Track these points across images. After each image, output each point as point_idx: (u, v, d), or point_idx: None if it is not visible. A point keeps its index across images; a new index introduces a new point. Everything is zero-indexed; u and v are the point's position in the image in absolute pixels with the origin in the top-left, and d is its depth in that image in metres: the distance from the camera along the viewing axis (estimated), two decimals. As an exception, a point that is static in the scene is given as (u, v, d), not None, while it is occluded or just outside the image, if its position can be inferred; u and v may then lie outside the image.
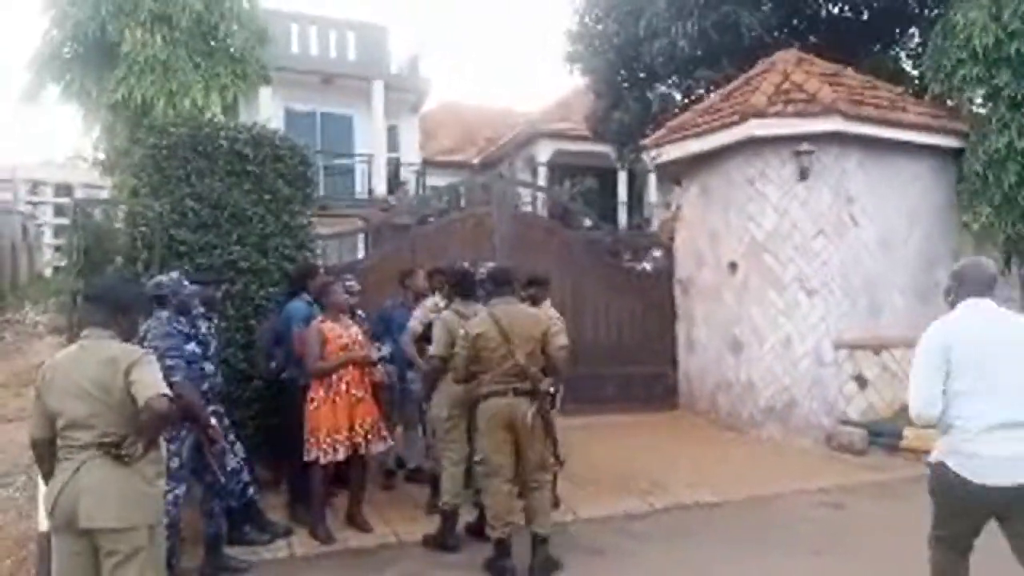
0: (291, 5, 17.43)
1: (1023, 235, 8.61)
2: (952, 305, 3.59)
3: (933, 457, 3.46)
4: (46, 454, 3.09)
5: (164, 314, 4.55)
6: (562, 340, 4.91)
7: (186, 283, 4.79)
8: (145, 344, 4.34)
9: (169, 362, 4.26)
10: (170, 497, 4.26)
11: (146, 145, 6.54)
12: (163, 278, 4.75)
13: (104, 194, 12.19)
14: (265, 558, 4.92)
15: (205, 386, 4.65)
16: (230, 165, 6.58)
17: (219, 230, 6.41)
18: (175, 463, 4.37)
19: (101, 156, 9.08)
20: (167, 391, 2.94)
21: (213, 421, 4.49)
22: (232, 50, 8.38)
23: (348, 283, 6.03)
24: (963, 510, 3.37)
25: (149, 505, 3.04)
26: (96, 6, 7.75)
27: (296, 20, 17.87)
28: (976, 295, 3.49)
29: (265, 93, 15.01)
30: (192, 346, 4.59)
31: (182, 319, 4.64)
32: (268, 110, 15.44)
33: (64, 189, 22.44)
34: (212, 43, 8.27)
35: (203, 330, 4.81)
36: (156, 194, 6.33)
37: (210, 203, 6.43)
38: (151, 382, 2.92)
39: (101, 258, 6.93)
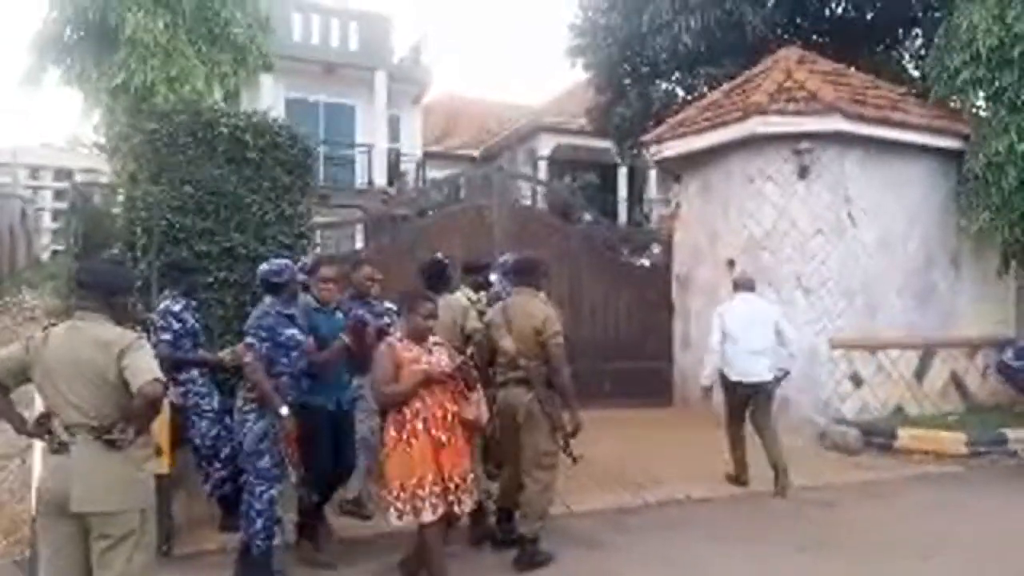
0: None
1: (1020, 239, 8.62)
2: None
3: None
4: None
5: (268, 299, 4.46)
6: (554, 330, 4.70)
7: (296, 271, 4.66)
8: (249, 329, 4.33)
9: (251, 340, 4.28)
10: (266, 497, 4.24)
11: (145, 131, 6.51)
12: (281, 264, 4.55)
13: (104, 179, 12.17)
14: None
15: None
16: (229, 152, 6.56)
17: (217, 217, 6.40)
18: (266, 461, 4.26)
19: (102, 140, 9.06)
20: (160, 376, 2.92)
21: (284, 411, 4.23)
22: (234, 37, 8.35)
23: (366, 270, 5.63)
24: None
25: (139, 489, 3.02)
26: (97, -11, 7.74)
27: (299, 8, 17.81)
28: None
29: (267, 81, 14.98)
30: (293, 331, 4.44)
31: (288, 306, 4.51)
32: (270, 98, 15.41)
33: (64, 173, 22.40)
34: (214, 30, 8.24)
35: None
36: (155, 180, 6.32)
37: (209, 190, 6.41)
38: (145, 367, 2.90)
39: (99, 243, 6.93)
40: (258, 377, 4.23)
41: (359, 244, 13.92)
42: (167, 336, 4.98)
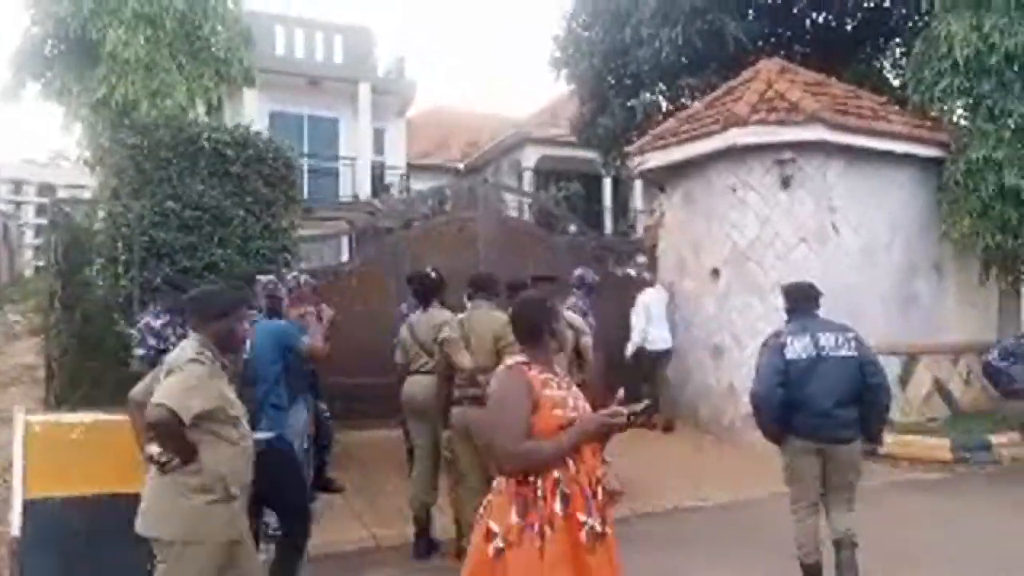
0: (277, 7, 17.40)
1: (1002, 245, 8.70)
2: None
3: None
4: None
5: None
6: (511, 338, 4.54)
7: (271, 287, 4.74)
8: None
9: None
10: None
11: (127, 145, 6.49)
12: (267, 279, 4.68)
13: (87, 194, 12.09)
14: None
15: None
16: (212, 166, 6.56)
17: (200, 232, 6.38)
18: None
19: (86, 154, 9.01)
20: (167, 402, 2.83)
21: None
22: (216, 51, 8.33)
23: (293, 276, 5.62)
24: None
25: (178, 518, 2.92)
26: (78, 4, 7.68)
27: (282, 22, 17.85)
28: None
29: (250, 95, 14.96)
30: None
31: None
32: (253, 112, 15.38)
33: (47, 189, 22.21)
34: (196, 44, 8.22)
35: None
36: (137, 195, 6.30)
37: (191, 204, 6.40)
38: (160, 391, 2.88)
39: (80, 259, 6.87)
40: None
41: (344, 257, 13.90)
42: (140, 351, 4.94)
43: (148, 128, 6.56)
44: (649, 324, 8.96)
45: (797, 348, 4.25)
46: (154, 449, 2.92)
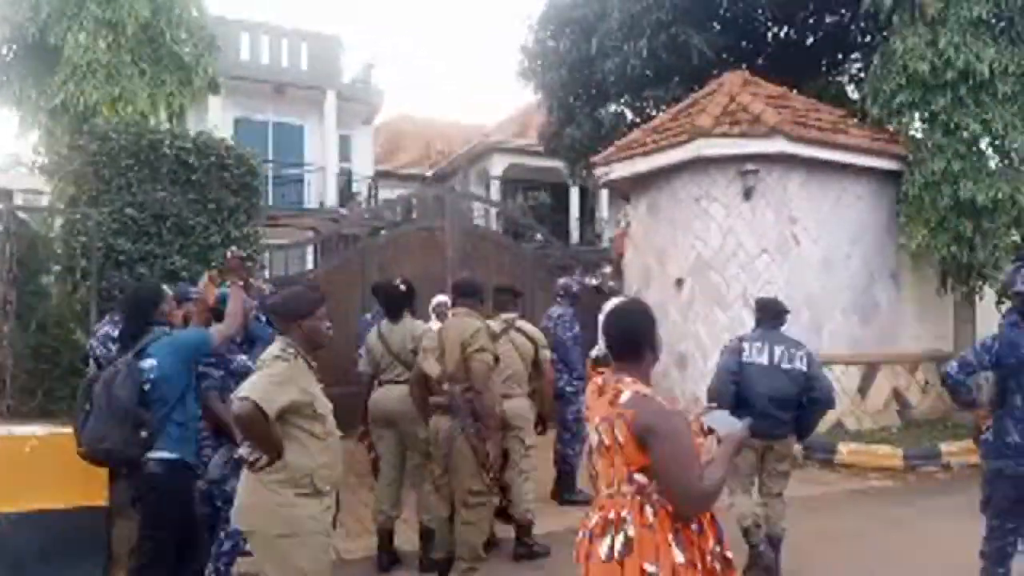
0: (243, 13, 17.24)
1: (957, 256, 8.90)
2: None
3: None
4: None
5: (215, 327, 4.26)
6: (478, 345, 4.32)
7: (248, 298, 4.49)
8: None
9: (204, 369, 4.13)
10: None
11: (86, 151, 6.38)
12: (219, 293, 4.40)
13: (44, 200, 11.86)
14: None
15: None
16: (174, 174, 6.47)
17: (160, 240, 6.29)
18: (231, 485, 3.96)
19: (43, 160, 8.84)
20: (252, 395, 2.84)
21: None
22: (179, 58, 8.23)
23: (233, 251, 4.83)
24: None
25: (271, 513, 2.94)
26: (36, 8, 7.56)
27: (247, 29, 17.68)
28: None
29: (215, 102, 14.79)
30: (243, 359, 4.34)
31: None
32: (218, 118, 15.20)
33: (3, 194, 21.72)
34: (159, 50, 8.11)
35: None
36: (95, 202, 6.19)
37: (151, 212, 6.30)
38: (247, 385, 2.93)
39: (36, 267, 6.73)
40: (216, 407, 4.13)
41: (310, 265, 13.79)
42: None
43: (108, 134, 6.43)
44: None
45: (753, 354, 4.75)
46: (244, 451, 2.97)
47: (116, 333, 4.90)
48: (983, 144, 8.97)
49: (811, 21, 12.59)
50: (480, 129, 22.25)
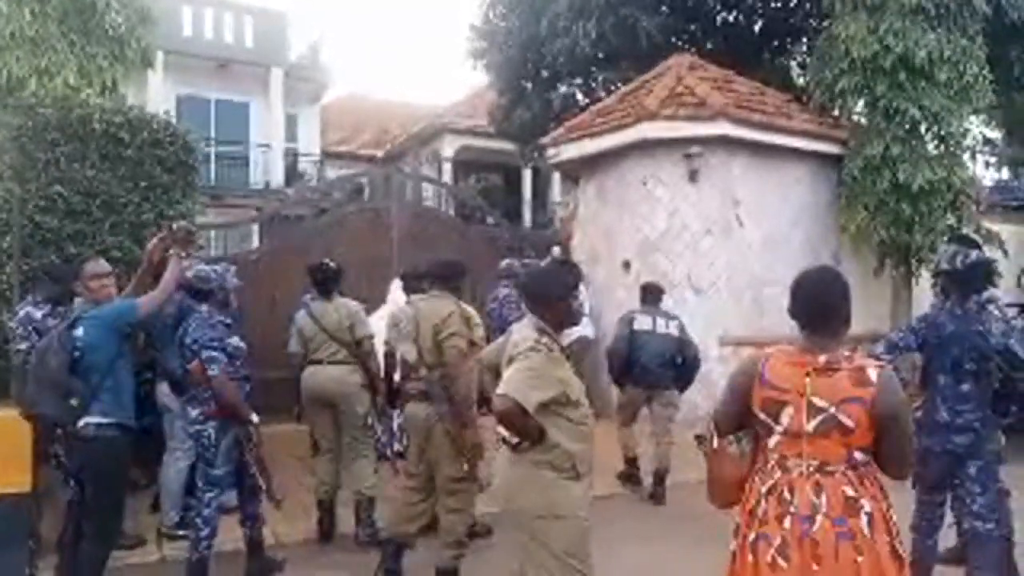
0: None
1: (895, 238, 9.11)
2: None
3: None
4: None
5: (205, 308, 4.34)
6: (451, 329, 4.23)
7: (233, 277, 4.55)
8: (186, 338, 4.21)
9: (211, 353, 4.13)
10: (215, 504, 4.26)
11: (10, 126, 6.12)
12: (208, 270, 4.42)
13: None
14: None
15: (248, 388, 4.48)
16: (104, 149, 6.25)
17: (90, 218, 6.08)
18: (218, 469, 4.26)
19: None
20: (512, 393, 2.86)
21: (254, 418, 4.29)
22: (110, 29, 7.92)
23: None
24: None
25: (538, 492, 2.97)
26: (-45, -25, 7.21)
27: (189, 2, 17.16)
28: None
29: (156, 78, 14.37)
30: (236, 340, 4.37)
31: (224, 314, 4.43)
32: (159, 95, 14.78)
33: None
34: (89, 21, 7.78)
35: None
36: (20, 178, 5.94)
37: (80, 189, 6.09)
38: (506, 381, 2.93)
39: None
40: (229, 391, 4.17)
41: (255, 244, 13.53)
42: (23, 346, 4.63)
43: (34, 108, 6.18)
44: None
45: (641, 323, 6.26)
46: (504, 431, 3.00)
47: (38, 314, 4.75)
48: (922, 129, 9.16)
49: (759, 6, 12.70)
50: (432, 110, 22.01)
